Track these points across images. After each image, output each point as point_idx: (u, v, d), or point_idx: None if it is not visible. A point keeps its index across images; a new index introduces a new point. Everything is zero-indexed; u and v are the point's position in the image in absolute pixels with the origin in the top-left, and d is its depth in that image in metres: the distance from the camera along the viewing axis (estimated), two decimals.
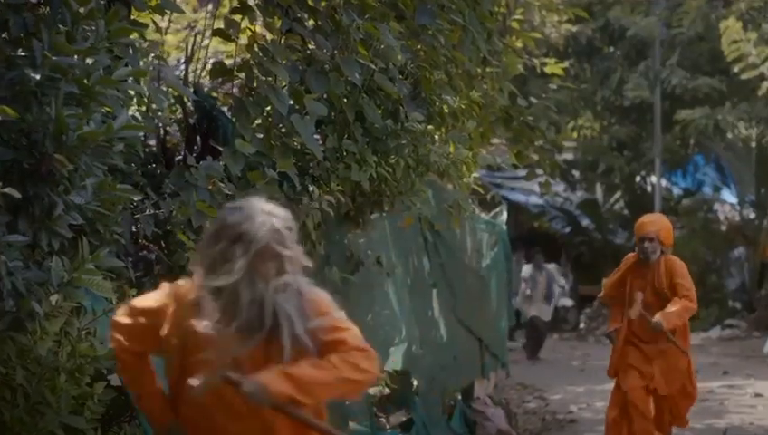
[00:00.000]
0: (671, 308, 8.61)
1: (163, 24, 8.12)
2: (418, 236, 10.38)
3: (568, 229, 26.14)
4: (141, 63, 5.89)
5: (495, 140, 13.98)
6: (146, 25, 5.98)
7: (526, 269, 19.97)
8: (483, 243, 12.94)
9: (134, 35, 5.75)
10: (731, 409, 12.66)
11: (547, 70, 12.51)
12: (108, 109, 4.91)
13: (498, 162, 10.61)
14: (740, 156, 24.78)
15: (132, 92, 6.08)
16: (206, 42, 7.90)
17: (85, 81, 4.61)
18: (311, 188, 7.07)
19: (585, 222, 26.21)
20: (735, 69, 18.70)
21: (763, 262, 23.30)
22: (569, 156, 25.79)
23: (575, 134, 24.76)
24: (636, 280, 8.94)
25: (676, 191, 27.09)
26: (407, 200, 8.34)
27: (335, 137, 7.44)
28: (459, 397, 11.05)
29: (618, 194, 26.61)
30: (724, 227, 25.75)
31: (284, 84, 7.17)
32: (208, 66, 7.53)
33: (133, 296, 5.19)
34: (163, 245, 6.48)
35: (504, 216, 14.58)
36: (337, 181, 7.35)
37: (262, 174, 6.41)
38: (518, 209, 24.39)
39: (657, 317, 8.57)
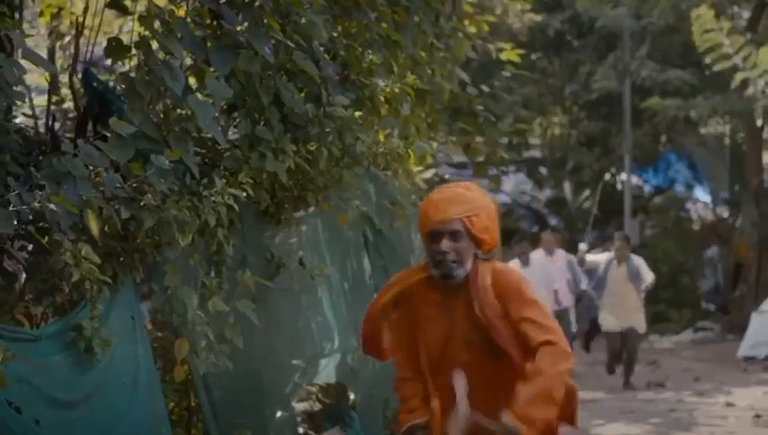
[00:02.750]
0: (525, 392, 4.28)
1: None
2: (358, 235, 9.50)
3: (536, 228, 25.34)
4: None
5: (453, 138, 13.21)
6: None
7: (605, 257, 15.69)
8: None
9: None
10: (700, 420, 11.82)
11: (503, 57, 11.66)
12: None
13: (441, 154, 9.75)
14: (713, 152, 24.21)
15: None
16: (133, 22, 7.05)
17: None
18: (216, 181, 6.20)
19: (553, 221, 25.43)
20: (707, 60, 17.90)
21: (738, 262, 22.59)
22: (536, 153, 25.06)
23: (542, 132, 24.03)
24: (430, 321, 4.56)
25: (648, 189, 26.47)
26: (335, 196, 7.54)
27: (248, 122, 6.62)
28: None
29: (587, 192, 25.80)
30: (697, 226, 25.18)
31: (188, 65, 6.39)
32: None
33: None
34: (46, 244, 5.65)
35: None
36: (250, 173, 6.49)
37: (144, 163, 5.54)
38: None
39: (509, 419, 4.24)
